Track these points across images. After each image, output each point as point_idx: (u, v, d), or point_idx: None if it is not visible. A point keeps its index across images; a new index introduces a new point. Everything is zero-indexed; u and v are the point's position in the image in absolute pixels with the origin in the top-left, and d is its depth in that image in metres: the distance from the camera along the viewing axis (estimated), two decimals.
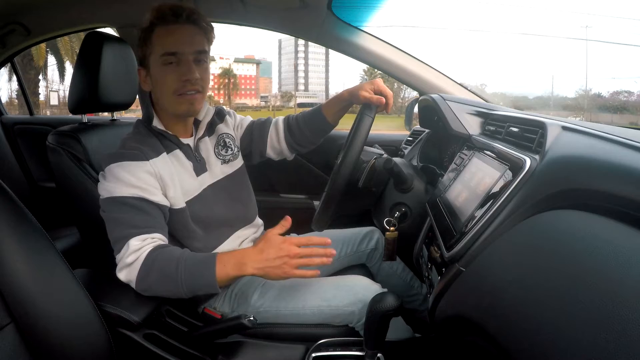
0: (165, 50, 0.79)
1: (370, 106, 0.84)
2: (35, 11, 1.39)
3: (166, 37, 0.79)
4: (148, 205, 0.77)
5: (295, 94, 48.22)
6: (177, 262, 0.73)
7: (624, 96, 33.56)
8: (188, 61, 0.79)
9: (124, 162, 0.78)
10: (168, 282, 0.73)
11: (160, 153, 0.82)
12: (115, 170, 0.77)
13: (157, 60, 0.80)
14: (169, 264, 0.73)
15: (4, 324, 0.56)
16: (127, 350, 0.72)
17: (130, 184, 0.76)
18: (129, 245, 0.73)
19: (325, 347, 0.77)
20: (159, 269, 0.73)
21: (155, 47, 0.80)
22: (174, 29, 0.79)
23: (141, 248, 0.74)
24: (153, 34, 0.80)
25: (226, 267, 0.73)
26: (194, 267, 0.73)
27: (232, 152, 0.98)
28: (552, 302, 0.37)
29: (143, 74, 0.85)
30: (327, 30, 1.30)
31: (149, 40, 0.80)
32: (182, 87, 0.80)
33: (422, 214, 0.92)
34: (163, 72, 0.80)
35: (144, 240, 0.75)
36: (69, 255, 0.68)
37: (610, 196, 0.39)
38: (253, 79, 52.52)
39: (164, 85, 0.81)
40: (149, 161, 0.79)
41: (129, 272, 0.74)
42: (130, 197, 0.76)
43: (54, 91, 18.58)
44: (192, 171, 0.87)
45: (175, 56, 0.79)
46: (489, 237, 0.53)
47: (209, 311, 0.88)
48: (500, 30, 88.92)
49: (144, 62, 0.84)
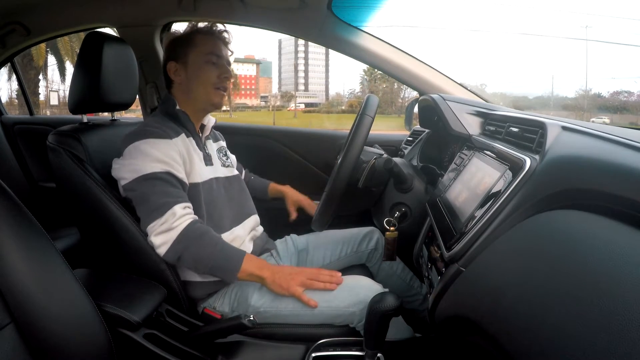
0: (211, 50, 0.93)
1: (371, 106, 0.84)
2: (35, 11, 1.39)
3: (211, 41, 0.95)
4: (176, 180, 0.84)
5: (295, 94, 48.21)
6: (215, 248, 0.81)
7: (624, 96, 33.55)
8: (225, 64, 0.96)
9: (149, 139, 0.83)
10: (199, 258, 0.81)
11: (179, 134, 0.90)
12: (142, 147, 0.82)
13: (200, 57, 0.93)
14: (210, 244, 0.81)
15: (4, 324, 0.56)
16: (127, 350, 0.72)
17: (158, 159, 0.82)
18: (175, 212, 0.80)
19: (325, 347, 0.77)
20: (199, 242, 0.80)
21: (199, 46, 0.93)
22: (217, 41, 0.96)
23: (185, 215, 0.81)
24: (196, 36, 0.94)
25: (251, 263, 0.83)
26: (227, 256, 0.82)
27: (230, 161, 1.07)
28: (552, 302, 0.37)
29: (174, 67, 0.95)
30: (327, 30, 1.30)
31: (190, 41, 0.94)
32: (221, 82, 0.94)
33: (422, 214, 0.92)
34: (206, 68, 0.93)
35: (185, 209, 0.82)
36: (69, 255, 0.67)
37: (610, 196, 0.39)
38: (253, 79, 52.50)
39: (205, 79, 0.93)
40: (172, 139, 0.87)
41: (169, 235, 0.79)
42: (160, 172, 0.82)
43: (54, 91, 18.57)
44: (203, 159, 0.94)
45: (217, 57, 0.94)
46: (489, 237, 0.53)
47: (209, 311, 0.88)
48: (500, 30, 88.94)
49: (178, 57, 0.95)
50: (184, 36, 0.96)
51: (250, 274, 0.82)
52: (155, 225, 0.80)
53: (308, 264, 1.06)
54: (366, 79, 39.23)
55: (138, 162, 0.81)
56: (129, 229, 0.82)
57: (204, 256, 0.81)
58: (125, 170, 0.82)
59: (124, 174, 0.82)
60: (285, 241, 1.09)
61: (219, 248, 0.82)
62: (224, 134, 1.18)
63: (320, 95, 51.97)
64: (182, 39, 0.95)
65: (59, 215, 1.31)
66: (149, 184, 0.80)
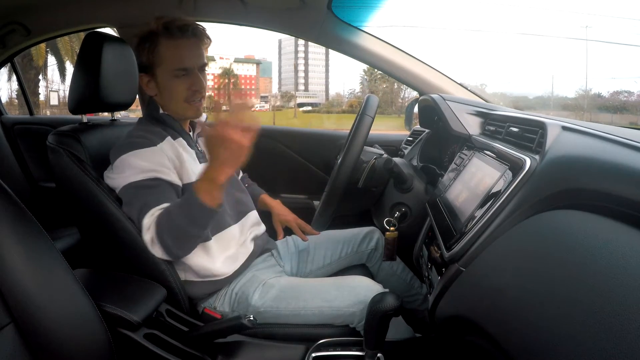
0: (177, 66, 0.86)
1: (371, 106, 0.84)
2: (35, 11, 1.39)
3: (176, 52, 0.86)
4: (162, 183, 0.82)
5: (296, 94, 48.20)
6: (169, 213, 0.77)
7: (624, 96, 33.53)
8: (196, 74, 0.88)
9: (135, 150, 0.82)
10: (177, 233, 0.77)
11: (164, 138, 0.88)
12: (128, 160, 0.82)
13: (168, 72, 0.87)
14: (167, 220, 0.77)
15: (4, 324, 0.56)
16: (127, 350, 0.72)
17: (143, 169, 0.81)
18: (143, 225, 0.79)
19: (325, 347, 0.77)
20: (167, 229, 0.77)
21: (164, 59, 0.86)
22: (181, 43, 0.86)
23: (151, 224, 0.78)
24: (159, 45, 0.86)
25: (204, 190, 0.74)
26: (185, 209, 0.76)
27: None
28: (551, 301, 0.37)
29: (145, 80, 0.90)
30: (327, 30, 1.30)
31: (154, 50, 0.86)
32: (192, 96, 0.89)
33: (422, 214, 0.92)
34: (173, 83, 0.87)
35: (153, 215, 0.79)
36: (69, 255, 0.67)
37: (610, 196, 0.39)
38: (253, 79, 52.51)
39: (175, 94, 0.88)
40: (157, 145, 0.85)
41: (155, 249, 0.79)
42: (145, 179, 0.80)
43: (54, 91, 18.56)
44: (195, 157, 0.92)
45: (186, 70, 0.87)
46: (489, 237, 0.53)
47: (209, 311, 0.88)
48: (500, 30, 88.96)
49: (147, 70, 0.89)
50: (148, 41, 0.87)
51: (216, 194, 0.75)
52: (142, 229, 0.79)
53: (308, 264, 1.06)
54: (366, 79, 39.22)
55: (126, 174, 0.81)
56: (129, 229, 0.82)
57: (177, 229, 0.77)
58: (116, 183, 0.83)
59: (115, 185, 0.83)
60: (285, 241, 1.09)
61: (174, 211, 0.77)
62: None
63: (320, 95, 51.97)
64: (147, 47, 0.87)
65: (59, 215, 1.31)
66: (133, 192, 0.80)
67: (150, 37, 0.86)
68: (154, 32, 0.86)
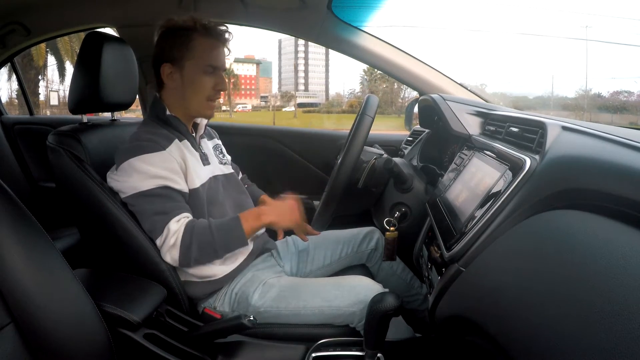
0: (211, 62, 0.89)
1: (371, 106, 0.84)
2: (35, 11, 1.39)
3: (211, 51, 0.89)
4: (173, 193, 0.83)
5: (296, 94, 48.19)
6: (211, 230, 0.82)
7: (624, 96, 33.51)
8: (222, 74, 0.92)
9: (143, 154, 0.82)
10: (207, 249, 0.82)
11: (172, 141, 0.88)
12: (136, 164, 0.81)
13: (198, 66, 0.88)
14: (203, 234, 0.82)
15: (4, 324, 0.56)
16: (127, 350, 0.72)
17: (154, 176, 0.81)
18: (169, 229, 0.81)
19: (325, 347, 0.77)
20: (198, 241, 0.81)
21: (197, 53, 0.88)
22: (215, 44, 0.90)
23: (179, 229, 0.81)
24: (194, 41, 0.88)
25: (249, 221, 0.85)
26: (225, 229, 0.84)
27: (227, 159, 1.06)
28: (551, 301, 0.37)
29: (168, 71, 0.89)
30: (327, 30, 1.30)
31: (187, 44, 0.88)
32: (215, 95, 0.92)
33: (422, 214, 0.92)
34: (202, 79, 0.89)
35: (179, 221, 0.82)
36: (69, 255, 0.67)
37: (610, 196, 0.39)
38: (253, 79, 52.49)
39: (200, 89, 0.90)
40: (166, 150, 0.85)
41: (172, 251, 0.81)
42: (156, 187, 0.81)
43: (54, 91, 18.55)
44: (200, 160, 0.93)
45: (214, 68, 0.90)
46: (489, 237, 0.53)
47: (209, 311, 0.88)
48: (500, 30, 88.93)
49: (174, 61, 0.89)
50: (182, 35, 0.88)
51: (255, 229, 0.86)
52: (159, 243, 0.82)
53: (308, 264, 1.06)
54: (366, 79, 39.20)
55: (134, 179, 0.81)
56: (128, 229, 0.82)
57: (209, 246, 0.82)
58: (122, 187, 0.83)
59: (121, 189, 0.83)
60: (285, 241, 1.09)
61: (215, 230, 0.83)
62: (224, 135, 1.18)
63: (320, 95, 51.95)
64: (179, 39, 0.88)
65: (59, 215, 1.31)
66: (146, 201, 0.81)
67: (185, 31, 0.88)
68: (190, 27, 0.88)
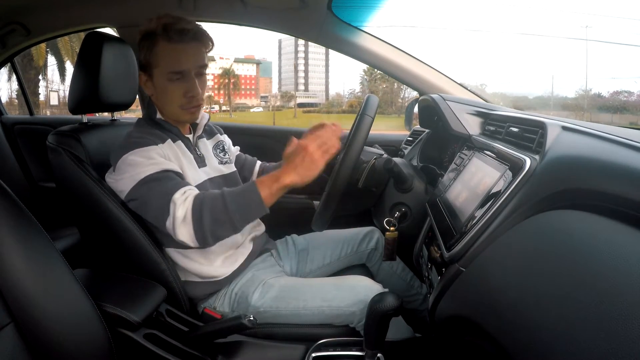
0: (172, 69, 0.83)
1: (371, 106, 0.84)
2: (35, 11, 1.39)
3: (172, 55, 0.83)
4: (172, 174, 0.80)
5: (296, 94, 48.19)
6: (223, 198, 0.75)
7: (624, 96, 33.54)
8: (192, 78, 0.84)
9: (136, 149, 0.81)
10: (221, 219, 0.74)
11: (165, 140, 0.87)
12: (130, 159, 0.80)
13: (163, 75, 0.84)
14: (215, 202, 0.75)
15: (4, 324, 0.56)
16: (127, 350, 0.72)
17: (151, 163, 0.80)
18: (175, 202, 0.75)
19: (325, 347, 0.77)
20: (210, 210, 0.74)
21: (160, 61, 0.84)
22: (179, 47, 0.82)
23: (186, 199, 0.76)
24: (157, 47, 0.83)
25: (266, 184, 0.75)
26: (240, 196, 0.76)
27: (228, 157, 1.03)
28: (551, 302, 0.37)
29: (144, 79, 0.88)
30: (327, 30, 1.30)
31: (152, 51, 0.84)
32: (188, 102, 0.86)
33: (422, 214, 0.92)
34: (168, 87, 0.85)
35: (184, 193, 0.77)
36: (69, 255, 0.67)
37: (611, 196, 0.39)
38: (253, 79, 52.51)
39: (169, 98, 0.86)
40: (158, 145, 0.84)
41: (185, 225, 0.74)
42: (154, 172, 0.79)
43: (54, 91, 18.58)
44: (194, 162, 0.91)
45: (181, 74, 0.84)
46: (489, 237, 0.53)
47: (209, 311, 0.88)
48: (500, 30, 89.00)
49: (146, 69, 0.87)
50: (147, 41, 0.84)
51: (274, 193, 0.75)
52: (169, 224, 0.76)
53: (308, 264, 1.06)
54: (366, 79, 39.20)
55: (130, 172, 0.79)
56: (128, 229, 0.82)
57: (223, 214, 0.74)
58: (121, 185, 0.81)
59: (121, 187, 0.81)
60: (285, 241, 1.09)
61: (228, 197, 0.75)
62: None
63: (320, 95, 51.94)
64: (146, 46, 0.84)
65: (59, 215, 1.31)
66: (146, 187, 0.78)
67: (149, 36, 0.83)
68: (153, 31, 0.83)
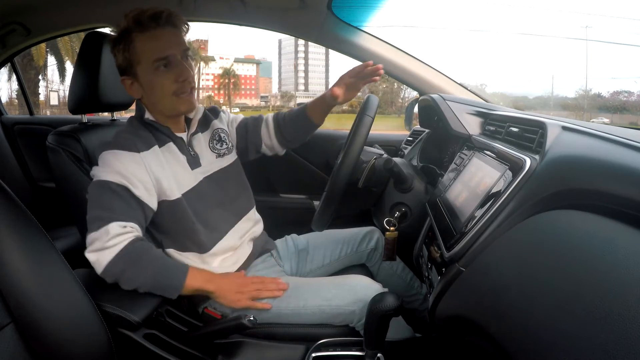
0: (156, 56, 0.80)
1: (371, 106, 0.84)
2: (35, 11, 1.39)
3: (151, 43, 0.80)
4: (129, 196, 0.78)
5: (296, 94, 48.19)
6: (158, 260, 0.78)
7: (624, 96, 33.56)
8: (180, 62, 0.81)
9: (115, 150, 0.80)
10: (133, 276, 0.75)
11: (151, 146, 0.84)
12: (106, 157, 0.79)
13: (148, 68, 0.81)
14: (139, 262, 0.75)
15: (4, 324, 0.56)
16: (127, 350, 0.72)
17: (117, 171, 0.78)
18: (108, 230, 0.74)
19: (325, 347, 0.77)
20: (132, 263, 0.75)
21: (141, 55, 0.80)
22: (156, 33, 0.80)
23: (122, 234, 0.75)
24: (134, 42, 0.80)
25: (196, 279, 0.80)
26: (168, 268, 0.79)
27: (226, 147, 1.00)
28: (552, 301, 0.37)
29: (129, 82, 0.85)
30: (327, 30, 1.30)
31: (130, 48, 0.81)
32: (181, 87, 0.82)
33: (422, 214, 0.92)
34: (158, 77, 0.81)
35: (125, 228, 0.76)
36: (69, 255, 0.67)
37: (611, 196, 0.39)
38: (253, 79, 52.50)
39: (162, 89, 0.82)
40: (140, 153, 0.81)
41: (102, 255, 0.74)
42: (114, 182, 0.77)
43: (54, 91, 18.60)
44: (186, 164, 0.89)
45: (167, 59, 0.81)
46: (489, 237, 0.53)
47: (209, 311, 0.88)
48: (500, 30, 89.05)
49: (128, 71, 0.83)
50: (122, 41, 0.81)
51: (196, 289, 0.80)
52: (89, 238, 0.75)
53: (308, 263, 1.06)
54: None
55: (99, 169, 0.79)
56: None
57: (143, 278, 0.76)
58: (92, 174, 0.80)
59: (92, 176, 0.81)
60: (285, 241, 1.09)
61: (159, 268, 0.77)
62: None
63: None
64: (122, 47, 0.81)
65: (59, 215, 1.31)
66: (99, 191, 0.77)
67: (123, 35, 0.80)
68: (125, 29, 0.80)
